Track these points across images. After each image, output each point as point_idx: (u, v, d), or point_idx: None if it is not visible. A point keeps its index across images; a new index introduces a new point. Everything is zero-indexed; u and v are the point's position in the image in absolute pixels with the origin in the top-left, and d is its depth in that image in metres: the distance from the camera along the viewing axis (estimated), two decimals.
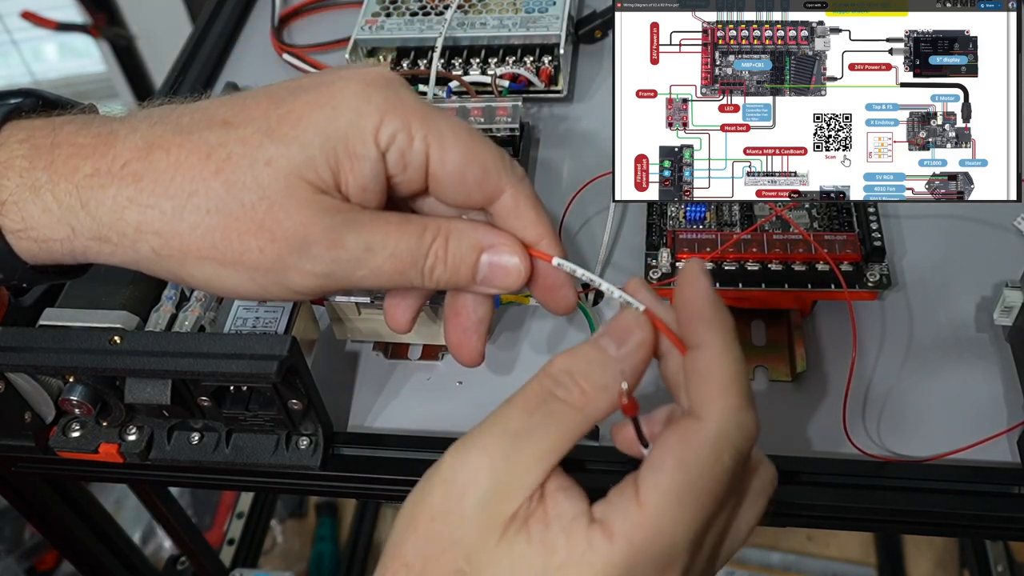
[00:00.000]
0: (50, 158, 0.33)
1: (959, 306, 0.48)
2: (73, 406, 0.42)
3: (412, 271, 0.35)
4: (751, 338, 0.48)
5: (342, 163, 0.33)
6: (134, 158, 0.33)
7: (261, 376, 0.38)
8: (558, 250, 0.37)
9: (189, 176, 0.33)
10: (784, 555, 1.09)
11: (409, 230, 0.35)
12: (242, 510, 1.00)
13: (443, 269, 0.35)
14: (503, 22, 0.59)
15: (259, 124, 0.33)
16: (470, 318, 0.39)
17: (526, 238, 0.37)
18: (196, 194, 0.33)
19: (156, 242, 0.33)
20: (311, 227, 0.33)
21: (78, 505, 0.57)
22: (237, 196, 0.33)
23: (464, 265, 0.36)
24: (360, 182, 0.34)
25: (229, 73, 0.68)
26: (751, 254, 0.46)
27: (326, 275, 0.34)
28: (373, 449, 0.45)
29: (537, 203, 0.37)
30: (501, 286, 0.37)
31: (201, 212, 0.33)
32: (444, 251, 0.35)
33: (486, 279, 0.36)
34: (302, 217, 0.33)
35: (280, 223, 0.33)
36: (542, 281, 0.37)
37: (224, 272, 0.34)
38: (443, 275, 0.36)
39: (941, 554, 1.07)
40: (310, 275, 0.34)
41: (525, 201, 0.36)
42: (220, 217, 0.33)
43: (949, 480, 0.41)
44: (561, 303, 0.38)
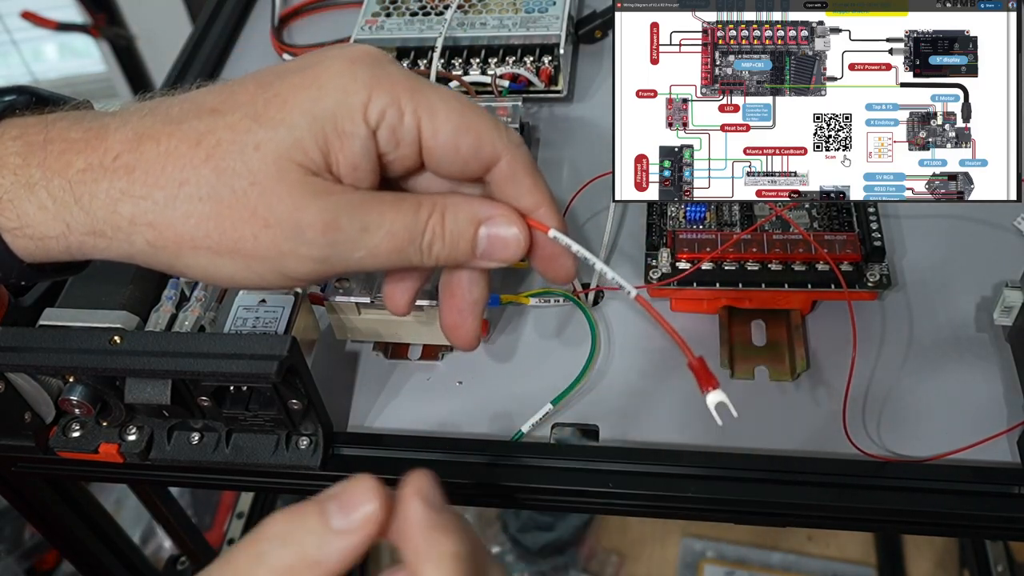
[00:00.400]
0: (43, 155, 0.33)
1: (959, 306, 0.48)
2: (73, 406, 0.42)
3: (410, 248, 0.35)
4: (751, 338, 0.48)
5: (331, 143, 0.33)
6: (125, 150, 0.33)
7: (261, 376, 0.38)
8: (556, 219, 0.36)
9: (179, 165, 0.33)
10: (784, 555, 1.09)
11: (404, 207, 0.34)
12: (242, 510, 1.00)
13: (441, 245, 0.35)
14: (503, 22, 0.59)
15: (247, 109, 0.33)
16: (465, 299, 0.38)
17: (523, 206, 0.36)
18: (187, 183, 0.32)
19: (150, 234, 0.33)
20: (304, 210, 0.33)
21: (78, 505, 0.57)
22: (228, 183, 0.32)
23: (463, 239, 0.35)
24: (351, 161, 0.33)
25: (229, 73, 0.68)
26: (751, 254, 0.46)
27: (322, 259, 0.34)
28: (373, 449, 0.45)
29: (533, 170, 0.36)
30: (501, 258, 0.36)
31: (193, 200, 0.32)
32: (441, 226, 0.35)
33: (485, 252, 0.36)
34: (294, 201, 0.32)
35: (272, 208, 0.32)
36: (540, 251, 0.37)
37: (220, 261, 0.33)
38: (442, 251, 0.35)
39: (941, 554, 1.07)
40: (306, 259, 0.33)
41: (521, 168, 0.36)
42: (212, 204, 0.33)
43: (949, 480, 0.41)
44: (560, 272, 0.38)
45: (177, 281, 0.45)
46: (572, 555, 1.13)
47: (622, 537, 1.13)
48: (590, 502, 0.44)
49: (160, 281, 0.46)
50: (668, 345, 0.48)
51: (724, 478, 0.42)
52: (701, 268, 0.46)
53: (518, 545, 1.13)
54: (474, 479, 0.43)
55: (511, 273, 0.52)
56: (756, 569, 1.09)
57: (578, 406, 0.46)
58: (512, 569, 1.13)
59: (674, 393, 0.46)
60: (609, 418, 0.45)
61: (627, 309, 0.50)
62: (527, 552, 1.13)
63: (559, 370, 0.47)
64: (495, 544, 1.14)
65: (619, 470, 0.43)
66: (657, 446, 0.44)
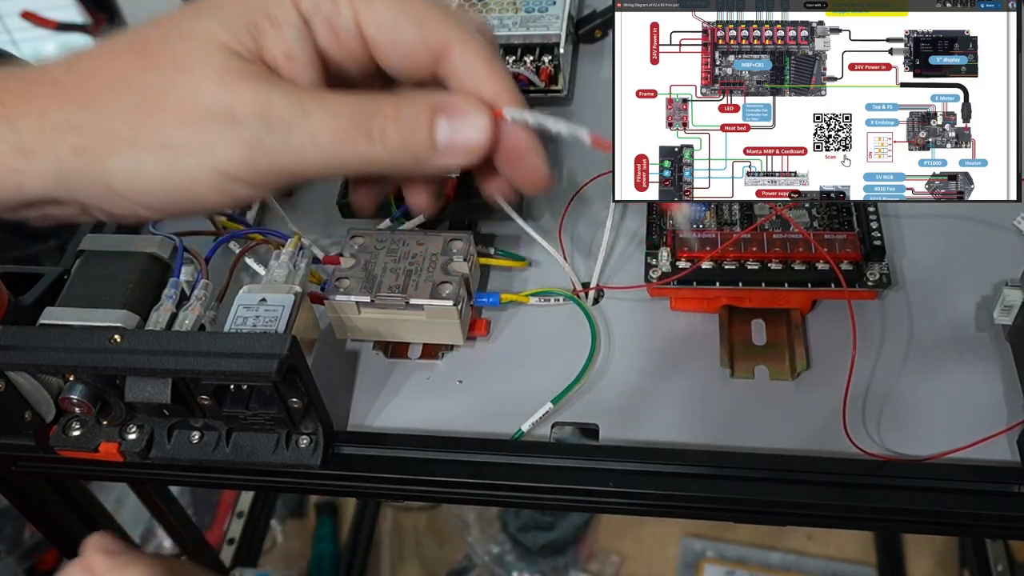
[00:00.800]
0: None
1: (959, 305, 0.48)
2: (73, 405, 0.42)
3: (359, 135, 0.32)
4: (751, 337, 0.48)
5: (263, 30, 0.32)
6: (60, 71, 0.33)
7: (261, 375, 0.38)
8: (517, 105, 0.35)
9: (110, 66, 0.32)
10: (784, 555, 1.09)
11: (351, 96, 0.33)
12: (242, 510, 1.00)
13: (396, 130, 0.33)
14: (503, 22, 0.59)
15: (181, 11, 0.33)
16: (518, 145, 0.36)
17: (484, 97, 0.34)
18: (114, 81, 0.32)
19: (74, 139, 0.32)
20: (235, 93, 0.31)
21: (78, 504, 0.57)
22: (155, 73, 0.32)
23: (419, 125, 0.33)
24: (285, 49, 0.32)
25: None
26: (751, 253, 0.46)
27: (255, 144, 0.31)
28: (373, 448, 0.45)
29: (490, 56, 0.35)
30: (465, 146, 0.34)
31: (119, 92, 0.32)
32: (395, 111, 0.33)
33: (447, 144, 0.34)
34: (223, 83, 0.31)
35: (200, 92, 0.31)
36: (505, 145, 0.35)
37: (146, 159, 0.32)
38: (397, 137, 0.33)
39: (941, 554, 1.07)
40: (237, 144, 0.31)
41: (475, 55, 0.34)
42: (138, 95, 0.32)
43: (949, 479, 0.41)
44: (530, 173, 0.36)
45: (177, 280, 0.45)
46: (572, 555, 1.13)
47: (622, 537, 1.13)
48: (590, 501, 0.44)
49: (160, 280, 0.46)
50: (668, 345, 0.48)
51: (724, 477, 0.42)
52: (701, 267, 0.46)
53: (518, 545, 1.13)
54: (474, 478, 0.43)
55: (511, 273, 0.52)
56: (756, 569, 1.09)
57: (578, 405, 0.46)
58: (512, 569, 1.13)
59: (674, 393, 0.46)
60: (609, 417, 0.45)
61: (627, 309, 0.50)
62: (527, 552, 1.13)
63: (559, 369, 0.47)
64: (495, 544, 1.14)
65: (619, 469, 0.43)
66: (657, 445, 0.44)
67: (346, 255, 0.48)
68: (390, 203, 0.52)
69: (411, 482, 0.44)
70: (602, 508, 0.45)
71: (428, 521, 1.18)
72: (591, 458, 0.43)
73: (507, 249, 0.52)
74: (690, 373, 0.47)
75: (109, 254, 0.46)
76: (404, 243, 0.49)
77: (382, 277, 0.47)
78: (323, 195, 0.57)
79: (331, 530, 1.18)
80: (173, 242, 0.47)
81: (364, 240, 0.49)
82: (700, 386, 0.46)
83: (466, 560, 1.14)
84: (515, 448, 0.44)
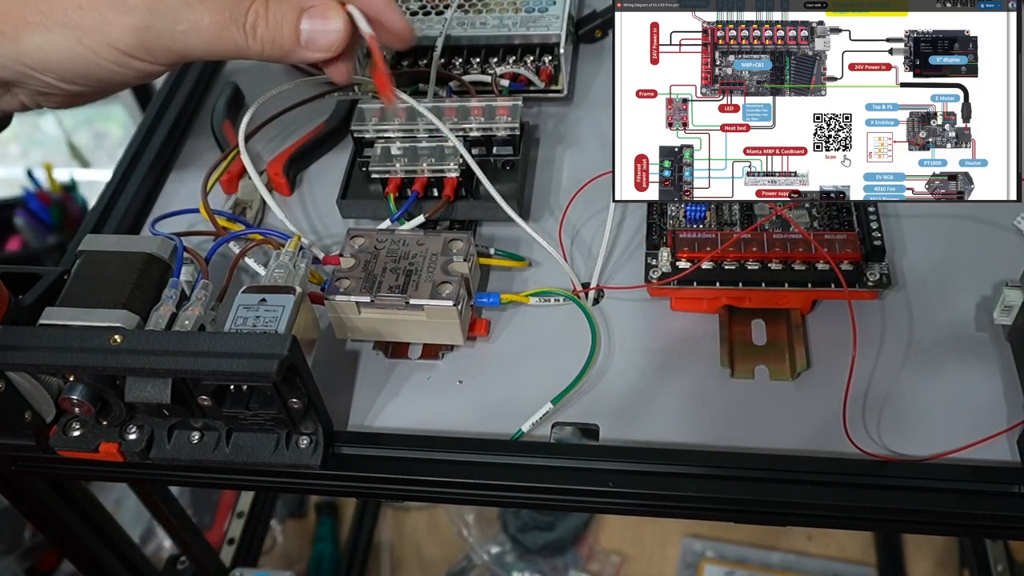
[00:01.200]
0: None
1: (959, 306, 0.48)
2: (73, 405, 0.42)
3: (233, 27, 0.40)
4: (751, 337, 0.48)
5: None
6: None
7: (261, 375, 0.38)
8: None
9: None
10: (784, 555, 1.09)
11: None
12: (242, 510, 1.00)
13: (265, 26, 0.40)
14: (503, 21, 0.59)
15: None
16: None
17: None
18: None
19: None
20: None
21: (78, 505, 0.57)
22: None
23: (286, 23, 0.41)
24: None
25: (230, 73, 0.68)
26: (751, 253, 0.46)
27: (145, 27, 0.39)
28: (373, 448, 0.45)
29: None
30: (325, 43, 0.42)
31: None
32: (265, 9, 0.40)
33: (309, 41, 0.41)
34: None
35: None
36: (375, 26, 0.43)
37: (54, 39, 0.39)
38: (266, 33, 0.41)
39: (941, 554, 1.07)
40: (130, 29, 0.39)
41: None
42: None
43: (949, 479, 0.41)
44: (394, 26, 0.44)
45: (177, 280, 0.45)
46: (572, 555, 1.13)
47: (622, 537, 1.13)
48: (590, 501, 0.44)
49: (160, 280, 0.46)
50: (668, 345, 0.48)
51: (724, 477, 0.42)
52: (701, 267, 0.46)
53: (518, 545, 1.13)
54: (474, 479, 0.43)
55: (511, 273, 0.52)
56: (756, 569, 1.09)
57: (578, 405, 0.46)
58: (512, 569, 1.13)
59: (674, 393, 0.46)
60: (609, 417, 0.45)
61: (627, 309, 0.50)
62: (527, 552, 1.13)
63: (559, 370, 0.47)
64: (495, 544, 1.14)
65: (619, 469, 0.43)
66: (657, 445, 0.44)
67: (346, 255, 0.48)
68: (390, 203, 0.52)
69: (411, 482, 0.44)
70: (602, 508, 0.45)
71: (428, 521, 1.18)
72: (591, 458, 0.43)
73: (507, 249, 0.52)
74: (690, 373, 0.47)
75: (109, 254, 0.46)
76: (404, 243, 0.49)
77: (382, 277, 0.47)
78: (323, 195, 0.57)
79: (331, 530, 1.18)
80: (173, 242, 0.47)
81: (364, 240, 0.49)
82: (700, 386, 0.46)
83: (466, 560, 1.14)
84: (515, 448, 0.44)
